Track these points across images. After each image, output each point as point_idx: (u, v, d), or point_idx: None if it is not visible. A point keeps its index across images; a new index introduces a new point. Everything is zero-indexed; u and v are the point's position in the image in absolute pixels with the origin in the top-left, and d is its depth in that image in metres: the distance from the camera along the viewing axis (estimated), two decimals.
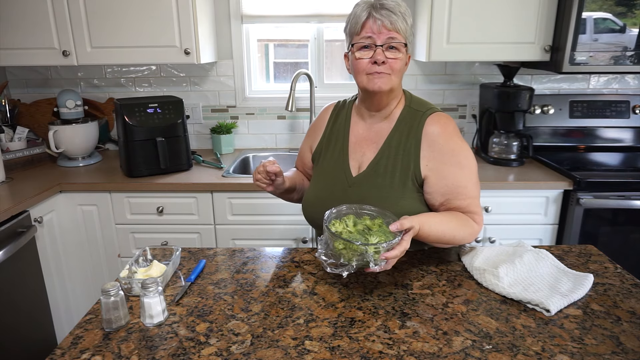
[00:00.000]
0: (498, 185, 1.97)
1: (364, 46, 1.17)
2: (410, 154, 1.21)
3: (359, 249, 0.97)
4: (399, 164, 1.22)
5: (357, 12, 1.18)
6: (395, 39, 1.16)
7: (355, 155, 1.29)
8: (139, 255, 1.17)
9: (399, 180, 1.21)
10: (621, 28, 1.98)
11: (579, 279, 1.09)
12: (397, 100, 1.27)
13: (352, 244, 0.97)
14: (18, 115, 2.45)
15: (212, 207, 2.04)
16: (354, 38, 1.19)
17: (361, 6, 1.18)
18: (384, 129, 1.26)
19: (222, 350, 0.88)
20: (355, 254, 0.97)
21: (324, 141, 1.36)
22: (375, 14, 1.15)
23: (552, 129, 2.41)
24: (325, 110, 1.42)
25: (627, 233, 1.99)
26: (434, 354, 0.86)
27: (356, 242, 0.97)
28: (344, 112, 1.36)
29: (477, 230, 1.21)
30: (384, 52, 1.16)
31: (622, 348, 0.88)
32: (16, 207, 1.73)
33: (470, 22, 2.07)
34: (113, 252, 2.11)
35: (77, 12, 2.08)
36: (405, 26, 1.18)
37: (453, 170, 1.19)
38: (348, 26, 1.22)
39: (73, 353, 0.88)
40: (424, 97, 2.46)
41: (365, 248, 0.96)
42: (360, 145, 1.29)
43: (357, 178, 1.26)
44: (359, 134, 1.30)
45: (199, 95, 2.54)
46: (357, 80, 1.22)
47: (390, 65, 1.17)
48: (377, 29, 1.15)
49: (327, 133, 1.37)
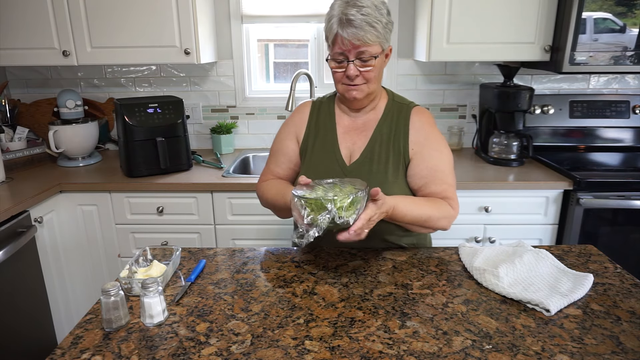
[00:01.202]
0: (498, 185, 1.97)
1: (338, 60, 1.21)
2: (401, 140, 1.29)
3: (320, 205, 1.00)
4: (391, 149, 1.28)
5: (332, 22, 1.18)
6: (366, 53, 1.18)
7: (346, 144, 1.32)
8: (139, 255, 1.17)
9: (392, 166, 1.27)
10: (621, 28, 1.98)
11: (578, 278, 1.09)
12: (378, 97, 1.33)
13: (314, 200, 1.00)
14: (18, 115, 2.45)
15: (212, 207, 2.04)
16: (330, 48, 1.23)
17: (335, 17, 1.17)
18: (372, 119, 1.32)
19: (222, 350, 0.88)
20: (320, 212, 1.00)
21: (310, 135, 1.36)
22: (341, 32, 1.16)
23: (552, 129, 2.41)
24: (303, 106, 1.41)
25: (627, 233, 1.99)
26: (434, 354, 0.86)
27: (318, 198, 1.00)
28: (325, 107, 1.38)
29: (453, 215, 1.24)
30: (357, 66, 1.19)
31: (622, 348, 0.88)
32: (16, 207, 1.73)
33: (470, 22, 2.07)
34: (113, 252, 2.11)
35: (77, 12, 2.08)
36: (377, 34, 1.17)
37: (434, 154, 1.27)
38: (325, 32, 1.24)
39: (73, 353, 0.88)
40: (424, 97, 2.51)
41: (328, 205, 0.99)
42: (349, 135, 1.33)
43: (352, 166, 1.30)
44: (346, 125, 1.34)
45: (199, 95, 2.55)
46: (335, 86, 1.28)
47: (363, 76, 1.21)
48: (347, 46, 1.17)
49: (312, 127, 1.36)
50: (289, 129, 1.40)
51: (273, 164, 1.40)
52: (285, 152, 1.39)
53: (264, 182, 1.39)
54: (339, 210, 1.00)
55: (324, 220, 1.01)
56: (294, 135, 1.38)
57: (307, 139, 1.36)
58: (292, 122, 1.40)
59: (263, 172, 1.43)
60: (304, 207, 1.03)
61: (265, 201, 1.37)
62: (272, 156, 1.41)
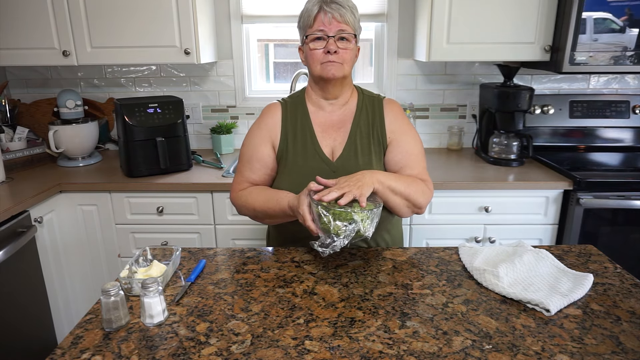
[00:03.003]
0: (498, 185, 1.97)
1: (316, 37, 1.26)
2: (378, 130, 1.35)
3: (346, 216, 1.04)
4: (372, 141, 1.34)
5: (309, 7, 1.28)
6: (345, 31, 1.26)
7: (326, 142, 1.34)
8: (139, 255, 1.17)
9: (375, 156, 1.33)
10: (621, 28, 1.98)
11: (578, 278, 1.09)
12: (350, 90, 1.39)
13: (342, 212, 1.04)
14: (18, 115, 2.45)
15: (212, 207, 2.04)
16: (307, 30, 1.29)
17: (312, 1, 1.27)
18: (347, 114, 1.36)
19: (222, 350, 0.88)
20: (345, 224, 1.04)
21: (286, 138, 1.34)
22: (325, 7, 1.24)
23: (552, 129, 2.41)
24: (272, 109, 1.38)
25: (627, 233, 1.99)
26: (434, 354, 0.86)
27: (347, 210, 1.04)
28: (296, 107, 1.37)
29: (429, 194, 1.30)
30: (336, 42, 1.25)
31: (622, 348, 0.88)
32: (16, 207, 1.73)
33: (470, 22, 2.07)
34: (113, 252, 2.11)
35: (77, 12, 2.08)
36: (353, 19, 1.27)
37: (409, 140, 1.35)
38: (301, 21, 1.31)
39: (73, 353, 0.88)
40: (424, 97, 2.51)
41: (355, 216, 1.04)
42: (327, 132, 1.35)
43: (338, 162, 1.32)
44: (323, 122, 1.35)
45: (199, 95, 2.55)
46: (312, 70, 1.31)
47: (341, 55, 1.26)
48: (328, 21, 1.24)
49: (287, 129, 1.35)
50: (261, 133, 1.36)
51: (248, 170, 1.36)
52: (259, 157, 1.35)
53: (243, 191, 1.34)
54: (362, 222, 1.05)
55: (351, 232, 1.04)
56: (268, 140, 1.35)
57: (284, 142, 1.34)
58: (264, 126, 1.36)
59: (236, 181, 1.37)
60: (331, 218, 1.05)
61: (251, 209, 1.31)
62: (245, 163, 1.36)
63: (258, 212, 1.30)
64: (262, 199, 1.28)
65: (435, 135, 2.57)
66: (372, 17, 2.43)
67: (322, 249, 1.06)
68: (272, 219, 1.30)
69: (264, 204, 1.27)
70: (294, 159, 1.33)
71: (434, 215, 2.03)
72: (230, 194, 1.38)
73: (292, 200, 1.18)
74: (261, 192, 1.31)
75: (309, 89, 1.40)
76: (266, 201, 1.27)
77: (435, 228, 2.05)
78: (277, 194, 1.26)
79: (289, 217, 1.23)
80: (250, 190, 1.33)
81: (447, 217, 2.03)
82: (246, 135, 1.40)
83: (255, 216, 1.33)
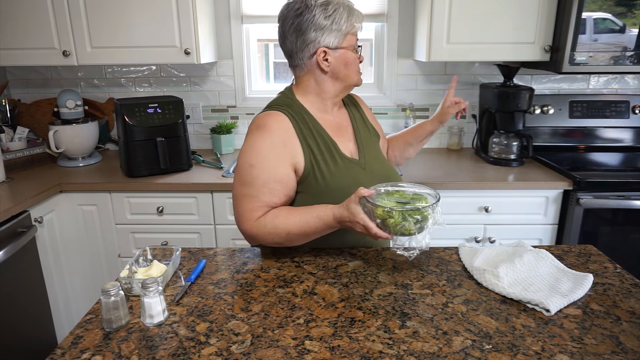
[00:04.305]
0: (498, 185, 1.97)
1: (357, 47, 1.32)
2: (367, 122, 1.45)
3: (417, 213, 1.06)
4: (369, 133, 1.43)
5: (353, 15, 1.27)
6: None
7: (344, 144, 1.34)
8: (139, 255, 1.17)
9: (377, 145, 1.44)
10: (621, 28, 1.98)
11: (578, 278, 1.09)
12: None
13: (417, 211, 1.06)
14: (18, 115, 2.45)
15: (212, 207, 2.04)
16: (350, 39, 1.28)
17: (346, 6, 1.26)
18: (343, 114, 1.42)
19: (222, 350, 0.88)
20: (416, 222, 1.06)
21: (310, 150, 1.25)
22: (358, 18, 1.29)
23: (552, 129, 2.41)
24: (279, 122, 1.24)
25: (627, 233, 1.99)
26: (434, 354, 0.86)
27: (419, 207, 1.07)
28: (301, 116, 1.28)
29: None
30: None
31: (622, 348, 0.88)
32: (16, 207, 1.73)
33: (470, 22, 2.07)
34: (113, 252, 2.11)
35: (77, 12, 2.08)
36: None
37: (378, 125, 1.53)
38: (342, 23, 1.24)
39: (73, 353, 0.88)
40: (424, 97, 2.51)
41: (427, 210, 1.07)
42: (340, 135, 1.35)
43: (362, 160, 1.35)
44: (332, 126, 1.35)
45: (199, 95, 2.55)
46: (349, 77, 1.31)
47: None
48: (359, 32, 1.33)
49: (307, 142, 1.25)
50: (278, 152, 1.20)
51: (266, 195, 1.19)
52: (279, 179, 1.20)
53: (264, 217, 1.19)
54: (434, 211, 1.09)
55: (428, 224, 1.08)
56: (287, 159, 1.21)
57: (309, 155, 1.24)
58: (279, 142, 1.21)
59: (249, 209, 1.19)
60: (399, 217, 1.06)
61: (284, 235, 1.17)
62: (260, 187, 1.19)
63: (293, 235, 1.17)
64: (297, 220, 1.16)
65: (435, 135, 2.56)
66: (372, 17, 2.43)
67: (407, 253, 1.10)
68: (309, 238, 1.20)
69: (303, 224, 1.16)
70: (327, 169, 1.24)
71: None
72: (243, 225, 1.21)
73: (338, 211, 1.11)
74: (291, 213, 1.18)
75: (303, 93, 1.32)
76: (303, 221, 1.16)
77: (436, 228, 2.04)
78: (313, 210, 1.16)
79: (330, 230, 1.17)
80: (275, 214, 1.18)
81: (447, 217, 2.01)
82: (250, 153, 1.21)
83: (288, 240, 1.19)
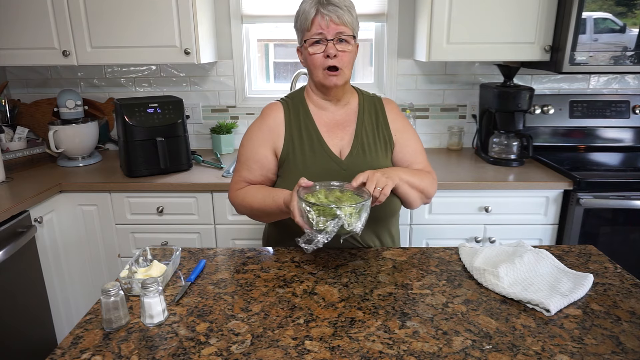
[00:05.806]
0: (498, 185, 1.97)
1: (315, 41, 1.25)
2: (383, 128, 1.38)
3: (330, 212, 1.04)
4: (377, 139, 1.36)
5: (306, 8, 1.25)
6: (344, 33, 1.25)
7: (333, 141, 1.34)
8: (139, 255, 1.17)
9: (382, 154, 1.36)
10: (621, 28, 1.98)
11: (578, 278, 1.09)
12: (350, 90, 1.41)
13: (326, 207, 1.04)
14: (18, 115, 2.45)
15: (212, 207, 2.04)
16: (305, 34, 1.27)
17: (308, 2, 1.25)
18: (350, 114, 1.38)
19: (222, 350, 0.88)
20: (328, 219, 1.04)
21: (291, 139, 1.33)
22: (323, 10, 1.23)
23: (552, 129, 2.41)
24: (274, 110, 1.37)
25: (627, 233, 1.99)
26: (434, 354, 0.86)
27: (329, 206, 1.05)
28: (298, 107, 1.36)
29: (435, 183, 1.40)
30: (335, 45, 1.24)
31: (622, 348, 0.88)
32: (16, 207, 1.73)
33: (470, 22, 2.07)
34: (113, 252, 2.11)
35: (77, 12, 2.08)
36: (351, 19, 1.26)
37: (410, 137, 1.41)
38: (298, 22, 1.29)
39: (73, 353, 0.88)
40: (424, 97, 2.51)
41: (338, 212, 1.04)
42: (333, 132, 1.35)
43: (347, 160, 1.33)
44: (327, 122, 1.35)
45: (199, 95, 2.55)
46: (313, 75, 1.31)
47: (341, 58, 1.26)
48: (326, 24, 1.23)
49: (291, 130, 1.34)
50: (261, 135, 1.34)
51: (245, 171, 1.35)
52: (257, 159, 1.34)
53: (241, 190, 1.34)
54: (348, 218, 1.05)
55: (334, 227, 1.04)
56: (268, 143, 1.34)
57: (289, 143, 1.33)
58: (265, 127, 1.35)
59: (234, 180, 1.37)
60: (314, 214, 1.05)
61: (248, 208, 1.32)
62: (242, 163, 1.36)
63: (255, 211, 1.31)
64: (259, 197, 1.28)
65: (435, 135, 2.57)
66: (372, 17, 2.43)
67: (306, 245, 1.07)
68: (269, 217, 1.31)
69: (261, 202, 1.27)
70: (302, 159, 1.32)
71: (434, 215, 2.03)
72: (229, 193, 1.39)
73: (287, 197, 1.18)
74: (258, 191, 1.31)
75: (308, 89, 1.39)
76: (263, 199, 1.27)
77: (435, 228, 2.05)
78: (274, 191, 1.26)
79: (286, 215, 1.22)
80: (247, 189, 1.33)
81: (447, 217, 2.03)
82: (245, 134, 1.39)
83: (252, 214, 1.34)
